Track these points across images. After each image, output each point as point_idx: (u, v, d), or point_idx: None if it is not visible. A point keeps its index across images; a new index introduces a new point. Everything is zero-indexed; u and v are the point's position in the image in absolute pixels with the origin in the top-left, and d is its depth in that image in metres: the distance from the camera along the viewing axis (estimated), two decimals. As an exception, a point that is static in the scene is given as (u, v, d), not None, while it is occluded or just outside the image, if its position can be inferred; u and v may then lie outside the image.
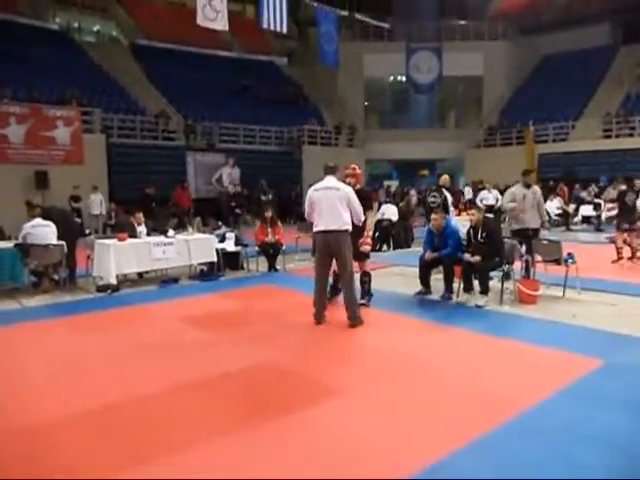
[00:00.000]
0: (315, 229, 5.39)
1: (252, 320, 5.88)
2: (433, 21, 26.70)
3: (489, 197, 12.76)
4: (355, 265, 5.87)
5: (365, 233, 6.05)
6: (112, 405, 3.62)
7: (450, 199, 8.76)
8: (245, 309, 6.48)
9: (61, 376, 4.25)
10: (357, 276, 6.02)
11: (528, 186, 7.30)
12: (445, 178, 8.85)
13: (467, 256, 6.31)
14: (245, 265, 9.32)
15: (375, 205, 15.66)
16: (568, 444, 2.97)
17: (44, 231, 7.55)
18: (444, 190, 8.59)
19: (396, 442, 3.05)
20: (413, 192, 18.27)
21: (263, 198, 14.38)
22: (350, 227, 5.42)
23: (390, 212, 11.61)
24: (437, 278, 6.92)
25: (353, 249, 5.69)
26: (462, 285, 6.52)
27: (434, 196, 8.49)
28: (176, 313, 6.28)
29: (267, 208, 9.38)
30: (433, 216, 6.67)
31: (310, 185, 5.97)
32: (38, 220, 7.62)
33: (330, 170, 5.69)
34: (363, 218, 5.69)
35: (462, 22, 27.03)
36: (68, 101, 17.02)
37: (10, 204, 13.50)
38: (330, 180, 5.58)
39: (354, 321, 5.37)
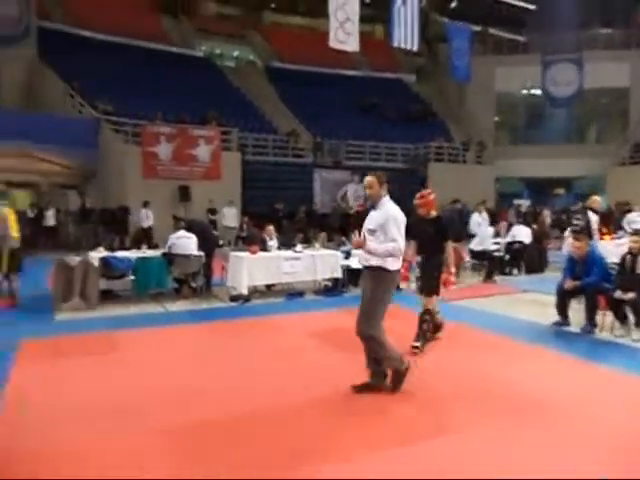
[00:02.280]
0: (397, 266, 4.16)
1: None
2: (573, 31, 25.06)
3: (638, 220, 11.54)
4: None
5: (449, 269, 5.38)
6: (248, 414, 3.79)
7: (596, 222, 8.05)
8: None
9: (201, 377, 4.54)
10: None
11: None
12: (595, 199, 8.14)
13: (619, 294, 5.73)
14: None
15: (503, 225, 14.94)
16: None
17: (186, 242, 8.22)
18: (590, 212, 7.90)
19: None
20: (547, 212, 17.10)
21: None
22: None
23: (522, 234, 10.96)
24: (575, 308, 6.41)
25: (426, 281, 5.39)
26: (608, 318, 5.96)
27: (577, 218, 7.86)
28: (302, 327, 6.45)
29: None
30: (576, 243, 6.18)
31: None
32: (182, 232, 8.32)
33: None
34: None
35: (606, 31, 25.05)
36: (209, 121, 18.47)
37: (158, 216, 14.97)
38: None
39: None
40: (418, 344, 5.31)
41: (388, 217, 4.03)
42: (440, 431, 3.52)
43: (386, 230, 4.00)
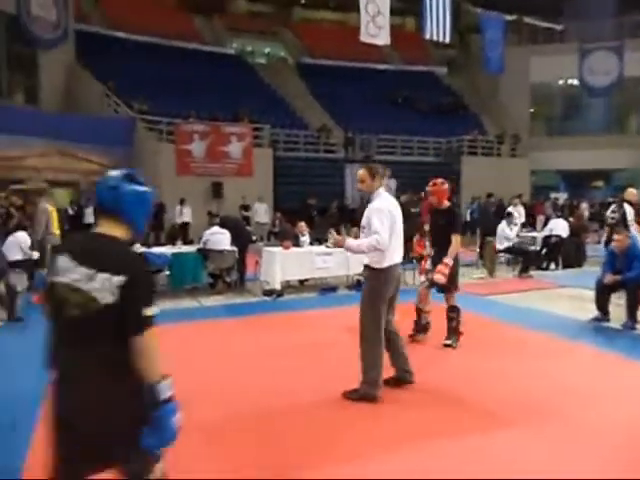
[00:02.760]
0: (387, 263, 3.89)
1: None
2: (612, 18, 24.24)
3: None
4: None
5: (445, 260, 4.95)
6: (276, 410, 3.84)
7: (631, 214, 7.84)
8: (401, 324, 6.40)
9: (235, 373, 4.61)
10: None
11: None
12: (630, 192, 7.92)
13: None
14: (402, 278, 9.27)
15: (541, 219, 14.59)
16: None
17: (220, 238, 8.34)
18: (625, 205, 7.70)
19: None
20: (585, 205, 16.69)
21: (412, 211, 13.94)
22: None
23: (560, 228, 10.72)
24: (615, 303, 6.24)
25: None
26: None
27: (613, 211, 7.67)
28: (335, 321, 6.45)
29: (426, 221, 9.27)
30: (616, 236, 6.01)
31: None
32: (216, 228, 8.45)
33: (382, 178, 4.10)
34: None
35: (647, 16, 24.16)
36: (241, 118, 18.63)
37: (192, 212, 15.22)
38: (390, 196, 4.09)
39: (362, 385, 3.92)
40: (450, 341, 5.23)
41: (372, 210, 3.84)
42: (491, 426, 3.50)
43: (370, 224, 3.80)
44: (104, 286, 1.74)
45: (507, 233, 9.70)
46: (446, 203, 5.31)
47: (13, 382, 4.34)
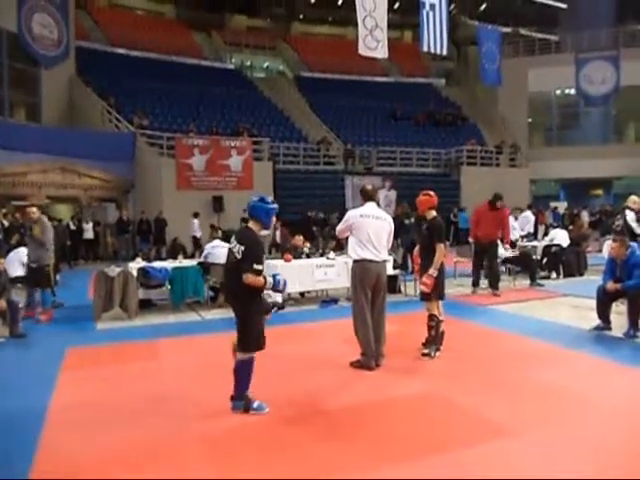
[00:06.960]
0: (358, 257, 4.95)
1: (412, 347, 5.77)
2: (607, 28, 24.52)
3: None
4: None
5: (430, 270, 5.18)
6: (281, 420, 3.83)
7: (634, 221, 7.83)
8: (405, 334, 6.40)
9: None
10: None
11: None
12: (633, 200, 7.93)
13: None
14: (402, 289, 9.29)
15: (541, 228, 14.61)
16: None
17: (222, 251, 8.31)
18: (627, 211, 7.71)
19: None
20: (585, 214, 16.75)
21: (406, 222, 13.84)
22: None
23: (560, 237, 10.74)
24: (617, 312, 6.24)
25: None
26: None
27: (618, 219, 7.67)
28: (336, 333, 6.43)
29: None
30: (612, 244, 6.00)
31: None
32: (217, 242, 8.47)
33: (371, 196, 5.15)
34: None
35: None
36: (241, 132, 18.76)
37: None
38: (374, 208, 5.09)
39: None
40: (427, 350, 5.29)
41: None
42: (495, 434, 3.49)
43: None
44: (238, 250, 3.79)
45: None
46: (432, 213, 5.41)
47: (15, 398, 4.34)
